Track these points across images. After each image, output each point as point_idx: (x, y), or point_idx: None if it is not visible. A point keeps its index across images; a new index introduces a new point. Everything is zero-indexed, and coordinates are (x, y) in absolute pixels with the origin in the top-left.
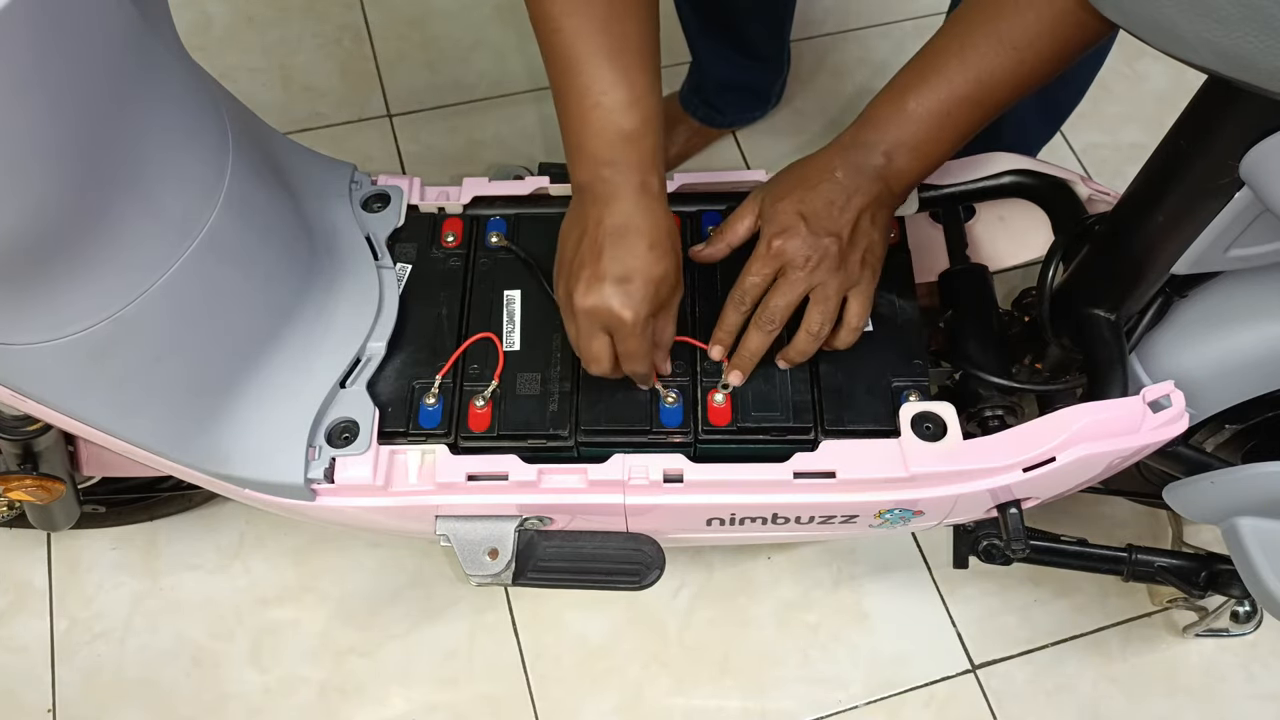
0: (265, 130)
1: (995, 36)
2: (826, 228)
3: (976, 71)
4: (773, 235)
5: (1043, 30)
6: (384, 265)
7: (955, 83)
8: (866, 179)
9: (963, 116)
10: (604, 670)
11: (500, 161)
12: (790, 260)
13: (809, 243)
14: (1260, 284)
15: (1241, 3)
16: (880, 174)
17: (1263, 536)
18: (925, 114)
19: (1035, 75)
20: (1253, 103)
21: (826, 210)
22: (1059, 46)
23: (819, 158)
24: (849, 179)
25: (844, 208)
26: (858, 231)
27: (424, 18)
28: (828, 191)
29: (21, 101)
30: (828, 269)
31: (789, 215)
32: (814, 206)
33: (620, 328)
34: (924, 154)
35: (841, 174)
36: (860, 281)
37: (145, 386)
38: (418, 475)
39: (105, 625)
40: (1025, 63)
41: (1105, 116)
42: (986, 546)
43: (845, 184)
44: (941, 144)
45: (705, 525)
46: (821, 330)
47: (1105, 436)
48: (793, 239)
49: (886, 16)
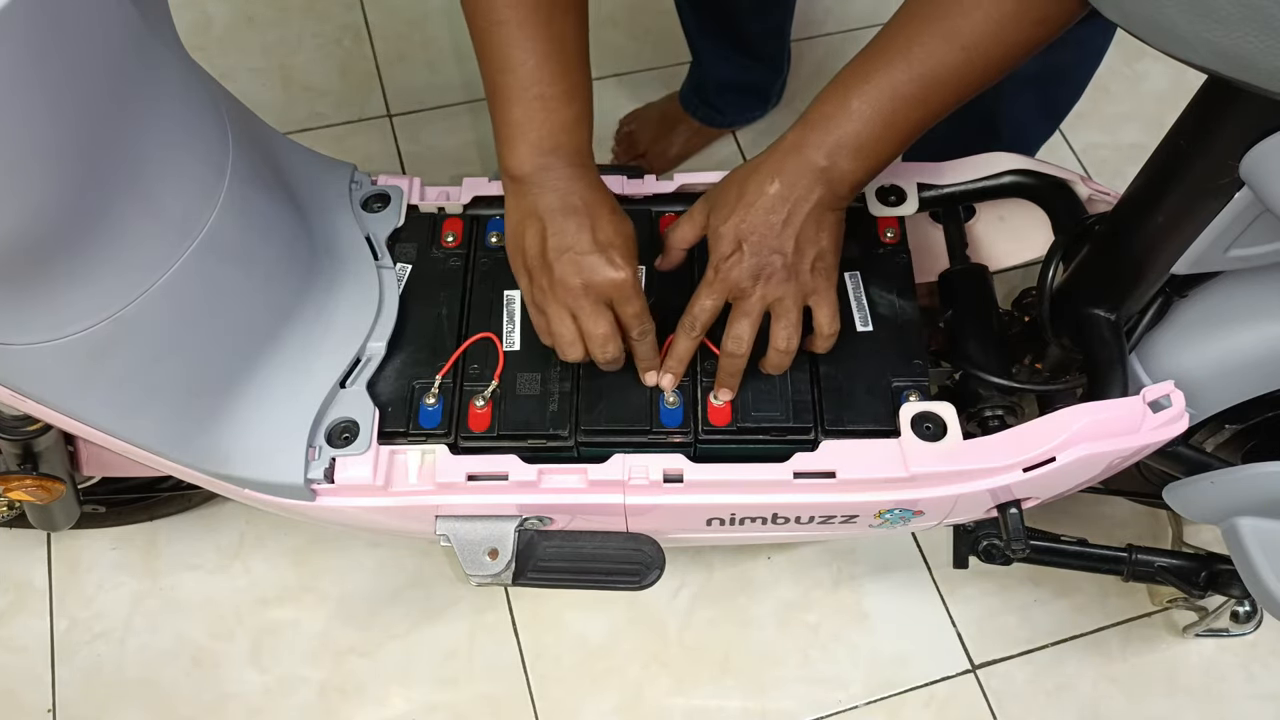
0: (265, 130)
1: (943, 35)
2: (770, 245)
3: (922, 70)
4: (718, 261)
5: (991, 29)
6: (384, 265)
7: (900, 81)
8: (806, 185)
9: (908, 116)
10: (604, 670)
11: None
12: (737, 284)
13: (753, 263)
14: (1260, 284)
15: (1241, 3)
16: (822, 177)
17: (1263, 536)
18: (869, 113)
19: (983, 75)
20: (1253, 103)
21: (767, 227)
22: (1008, 47)
23: (756, 168)
24: (788, 189)
25: (786, 221)
26: (802, 241)
27: (424, 18)
28: (766, 207)
29: (21, 101)
30: (778, 284)
31: (730, 239)
32: (754, 225)
33: (620, 289)
34: (867, 155)
35: (780, 184)
36: (817, 289)
37: (145, 386)
38: (418, 475)
39: (105, 625)
40: (973, 62)
41: (1105, 116)
42: (986, 546)
43: (785, 194)
44: (886, 144)
45: (705, 525)
46: (790, 344)
47: (1105, 436)
48: (737, 263)
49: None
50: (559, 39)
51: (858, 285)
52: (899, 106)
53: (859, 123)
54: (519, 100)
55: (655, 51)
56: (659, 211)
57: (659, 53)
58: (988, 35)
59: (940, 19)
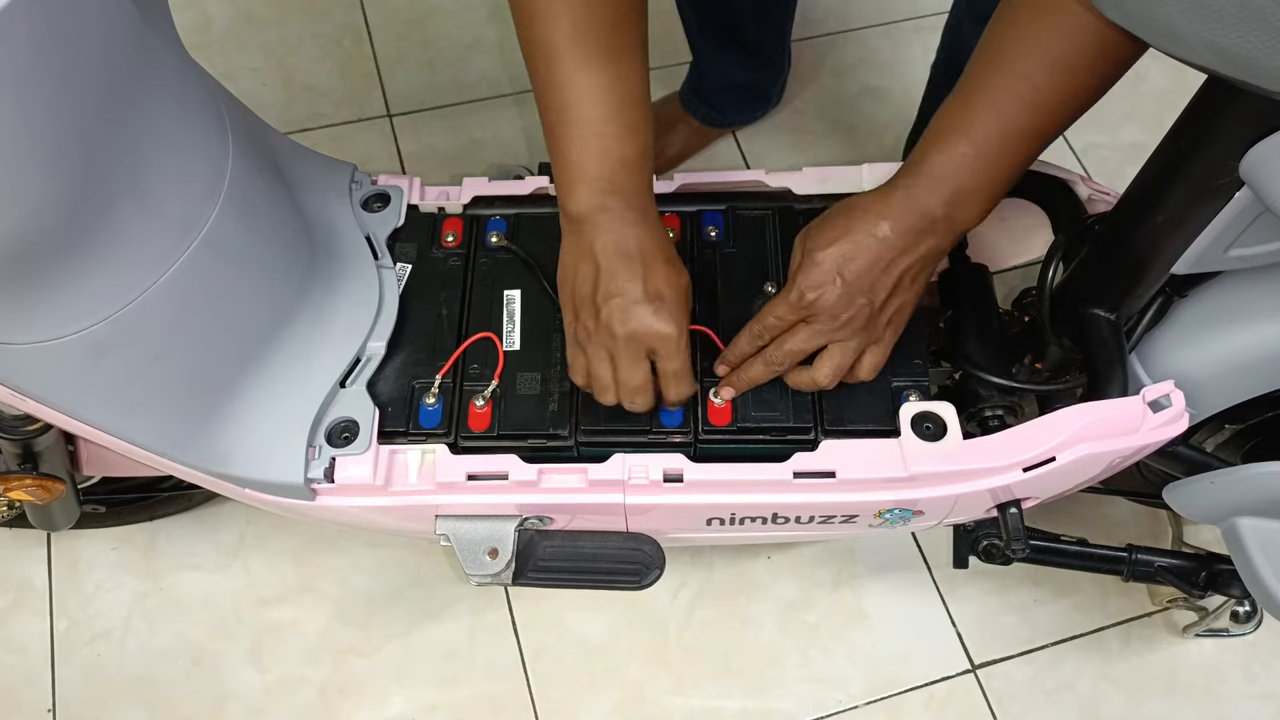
0: (265, 130)
1: (1048, 63)
2: (864, 289)
3: (1032, 101)
4: (806, 287)
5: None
6: (384, 265)
7: (1012, 117)
8: (917, 236)
9: (1021, 151)
10: (604, 670)
11: (500, 161)
12: (818, 314)
13: (842, 301)
14: (1260, 284)
15: (1241, 3)
16: (935, 227)
17: (1263, 536)
18: (986, 156)
19: (1089, 96)
20: (1253, 103)
21: (868, 271)
22: (1113, 62)
23: (866, 208)
24: (899, 238)
25: (886, 269)
26: (895, 293)
27: (424, 18)
28: (873, 250)
29: (21, 101)
30: (854, 329)
31: (827, 270)
32: (856, 266)
33: (665, 344)
34: (985, 198)
35: (891, 231)
36: (882, 339)
37: (145, 386)
38: (418, 475)
39: (105, 625)
40: (1081, 85)
41: (1105, 116)
42: (986, 546)
43: (893, 243)
44: (1001, 185)
45: (705, 525)
46: (830, 382)
47: (1105, 436)
48: (827, 295)
49: (886, 16)
50: (618, 76)
51: None
52: (1013, 144)
53: (976, 169)
54: (577, 139)
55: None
56: (659, 211)
57: (659, 53)
58: (1092, 53)
59: (1042, 48)
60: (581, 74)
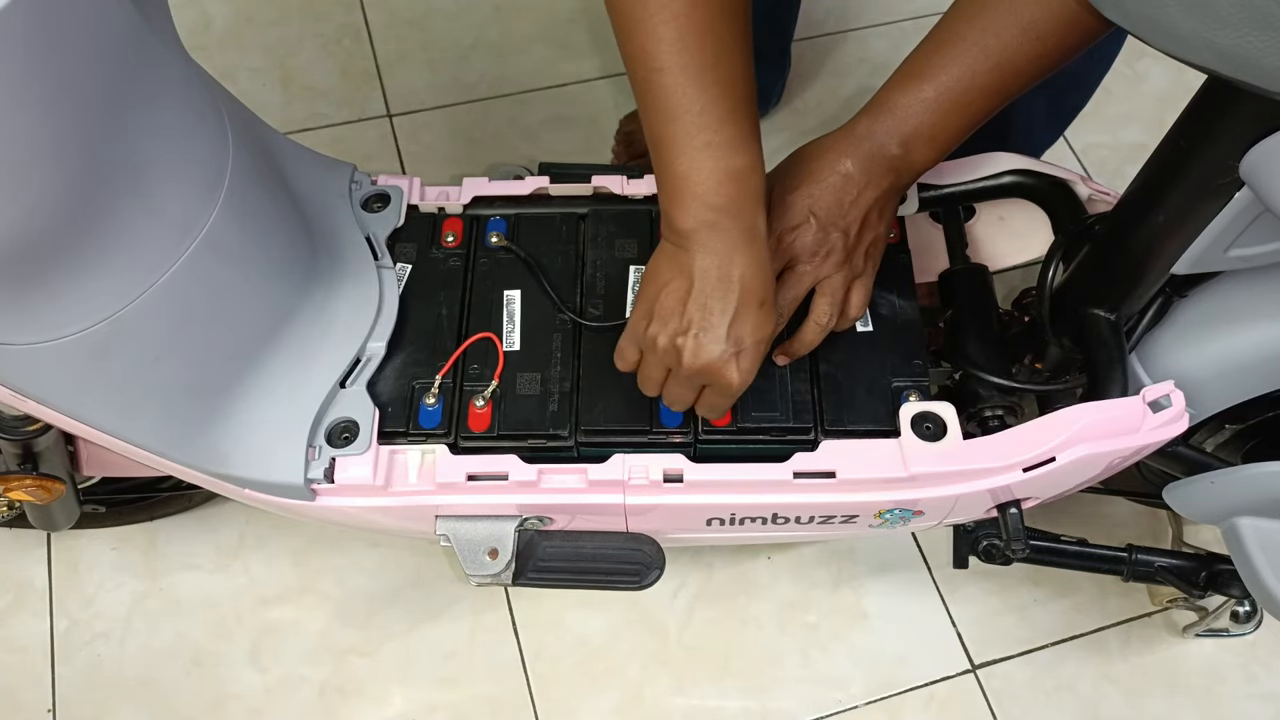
0: (265, 130)
1: (1019, 25)
2: (835, 223)
3: (999, 59)
4: (782, 230)
5: (1067, 17)
6: (384, 265)
7: (977, 70)
8: (878, 172)
9: (982, 106)
10: (604, 670)
11: (500, 161)
12: (798, 255)
13: (818, 238)
14: (1260, 284)
15: (1242, 3)
16: (893, 165)
17: (1263, 536)
18: (945, 103)
19: (1054, 63)
20: (1253, 103)
21: (836, 206)
22: (1082, 34)
23: (829, 147)
24: (860, 173)
25: (854, 203)
26: (865, 226)
27: (424, 18)
28: (838, 186)
29: (21, 101)
30: (834, 264)
31: (799, 210)
32: (824, 202)
33: (726, 390)
34: (940, 143)
35: (852, 166)
36: (864, 273)
37: (145, 386)
38: (418, 475)
39: (105, 625)
40: (1048, 52)
41: (1105, 116)
42: (986, 546)
43: (856, 178)
44: (957, 132)
45: (705, 525)
46: (829, 322)
47: (1105, 436)
48: (803, 235)
49: (886, 16)
50: (725, 83)
51: None
52: (974, 97)
53: (934, 113)
54: (684, 150)
55: None
56: (659, 211)
57: None
58: (1064, 23)
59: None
60: (686, 83)
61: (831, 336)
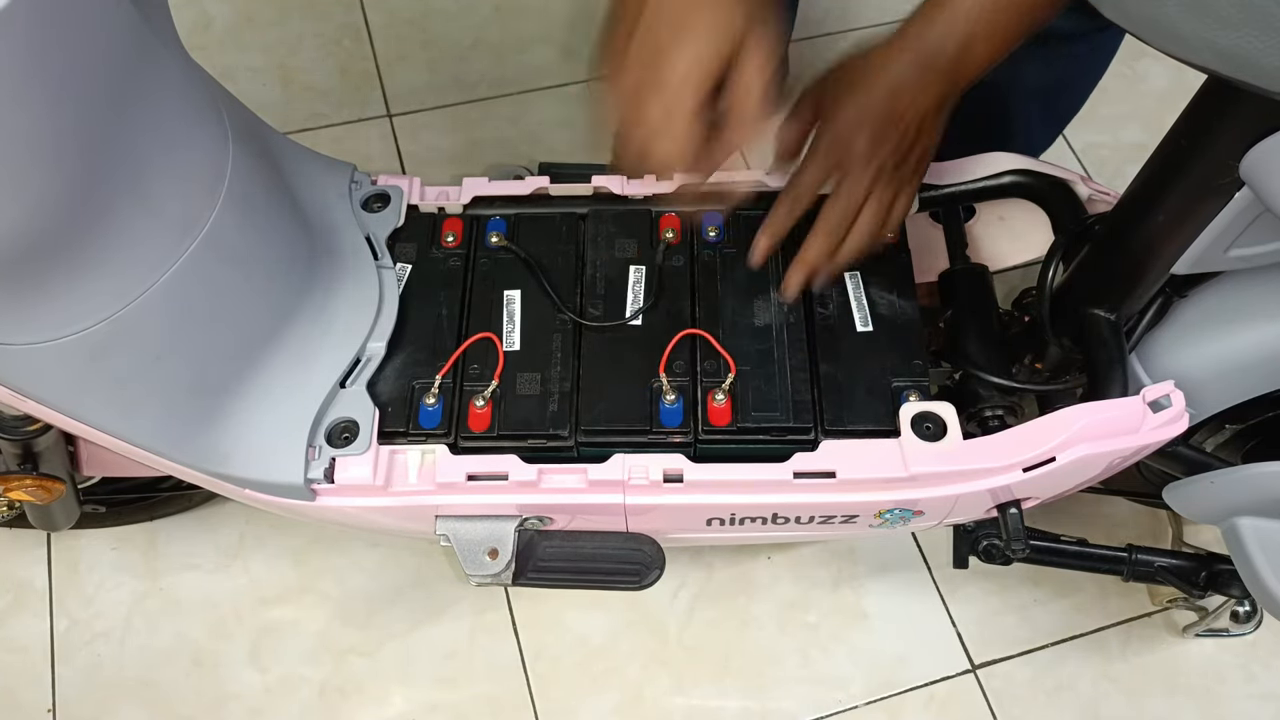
0: (265, 130)
1: None
2: (888, 131)
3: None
4: (835, 133)
5: None
6: (384, 265)
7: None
8: (934, 77)
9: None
10: (604, 670)
11: (500, 161)
12: (851, 159)
13: (871, 144)
14: (1260, 284)
15: (1242, 3)
16: (950, 69)
17: (1263, 536)
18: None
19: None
20: (1253, 103)
21: (889, 110)
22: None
23: (883, 51)
24: (915, 77)
25: (909, 107)
26: (916, 134)
27: (424, 18)
28: (892, 90)
29: (21, 101)
30: (887, 172)
31: (852, 114)
32: (878, 107)
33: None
34: (999, 42)
35: (908, 71)
36: (910, 182)
37: (145, 386)
38: (418, 475)
39: (105, 625)
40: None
41: (1105, 116)
42: (986, 546)
43: (910, 82)
44: (1017, 30)
45: (705, 525)
46: (875, 227)
47: (1105, 436)
48: (857, 138)
49: (886, 16)
50: None
51: (857, 285)
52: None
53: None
54: None
55: None
56: (659, 211)
57: None
58: None
59: None
60: None
61: (832, 337)
